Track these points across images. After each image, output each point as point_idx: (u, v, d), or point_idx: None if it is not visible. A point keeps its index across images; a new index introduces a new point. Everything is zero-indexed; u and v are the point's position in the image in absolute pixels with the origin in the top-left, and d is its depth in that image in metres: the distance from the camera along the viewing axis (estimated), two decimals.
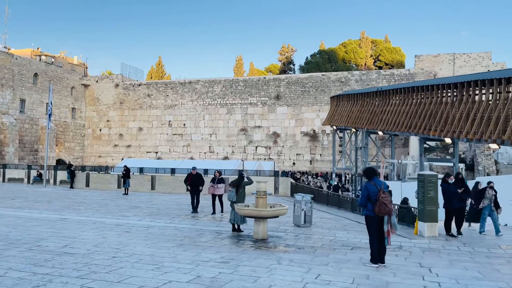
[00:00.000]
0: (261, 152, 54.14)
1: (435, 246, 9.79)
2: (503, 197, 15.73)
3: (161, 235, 10.10)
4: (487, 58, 50.62)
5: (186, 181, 15.03)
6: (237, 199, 11.13)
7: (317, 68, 62.88)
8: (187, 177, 15.13)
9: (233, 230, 10.94)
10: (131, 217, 13.23)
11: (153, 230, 10.91)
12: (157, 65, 77.48)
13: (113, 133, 60.23)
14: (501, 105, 17.59)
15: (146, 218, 13.16)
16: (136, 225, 11.62)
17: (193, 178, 14.89)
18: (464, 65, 50.49)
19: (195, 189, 14.89)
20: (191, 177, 14.95)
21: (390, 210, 7.12)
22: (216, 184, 14.45)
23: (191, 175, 15.01)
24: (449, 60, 51.82)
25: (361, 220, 14.73)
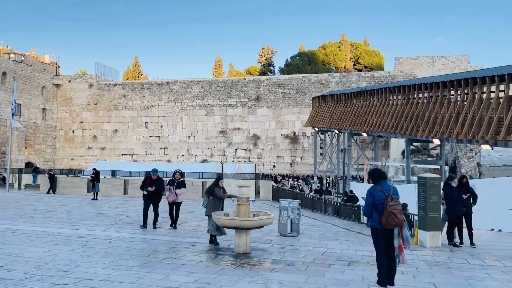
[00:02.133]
0: (241, 155, 52.74)
1: (441, 259, 8.60)
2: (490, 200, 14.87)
3: (124, 249, 8.58)
4: (465, 61, 50.70)
5: (144, 187, 11.74)
6: (208, 209, 9.52)
7: (297, 70, 62.04)
8: (145, 181, 11.83)
9: (210, 242, 9.49)
10: (94, 227, 11.63)
11: (117, 243, 9.37)
12: (134, 66, 75.25)
13: (87, 135, 57.78)
14: (494, 105, 16.75)
15: (111, 228, 11.58)
16: (97, 237, 10.04)
17: (152, 185, 11.65)
18: (443, 68, 50.39)
19: (152, 199, 11.71)
20: (150, 181, 11.68)
21: (401, 221, 5.85)
22: (175, 190, 11.59)
23: (150, 180, 11.70)
24: (428, 63, 51.72)
25: (351, 227, 13.51)
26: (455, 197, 9.92)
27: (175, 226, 11.76)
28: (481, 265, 8.22)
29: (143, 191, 11.72)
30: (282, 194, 24.87)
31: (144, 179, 12.04)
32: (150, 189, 11.52)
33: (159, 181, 11.80)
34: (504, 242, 11.69)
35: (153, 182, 11.64)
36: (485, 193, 14.00)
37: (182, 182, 11.82)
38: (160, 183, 11.75)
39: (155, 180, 11.70)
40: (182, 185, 11.75)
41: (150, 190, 11.53)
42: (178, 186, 11.64)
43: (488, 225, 15.19)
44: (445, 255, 9.08)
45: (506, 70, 16.26)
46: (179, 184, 11.70)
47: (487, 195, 14.52)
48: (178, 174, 11.87)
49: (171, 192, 11.57)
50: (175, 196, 11.53)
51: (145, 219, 11.72)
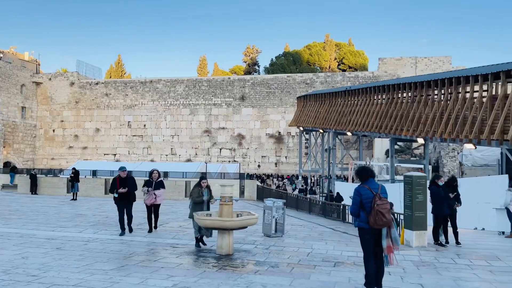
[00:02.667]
0: (226, 154, 52.37)
1: (428, 259, 8.45)
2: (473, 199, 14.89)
3: (101, 252, 8.18)
4: (447, 62, 51.38)
5: (114, 189, 10.27)
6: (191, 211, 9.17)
7: (282, 70, 61.96)
8: (114, 182, 10.36)
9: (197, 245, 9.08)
10: (70, 228, 11.16)
11: (93, 245, 8.96)
12: (117, 64, 74.02)
13: (68, 134, 56.63)
14: (478, 104, 16.80)
15: (89, 229, 11.12)
16: (73, 239, 9.60)
17: (123, 184, 10.24)
18: (425, 68, 50.96)
19: (125, 201, 10.35)
20: (119, 182, 10.27)
21: (390, 221, 5.62)
22: (153, 190, 10.52)
23: (119, 179, 10.29)
24: (411, 64, 52.25)
25: (336, 227, 13.33)
26: (441, 196, 9.81)
27: (156, 226, 11.03)
28: (468, 265, 8.09)
29: (113, 194, 10.33)
30: (267, 193, 24.64)
31: (113, 179, 10.50)
32: (122, 190, 10.13)
33: (130, 179, 10.47)
34: (488, 241, 11.66)
35: (123, 181, 10.27)
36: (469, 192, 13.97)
37: (161, 183, 10.81)
38: (131, 181, 10.41)
39: (125, 179, 10.34)
40: (161, 186, 10.74)
41: (123, 191, 10.13)
42: (156, 186, 10.62)
43: (472, 224, 15.21)
44: (432, 254, 8.94)
45: (490, 70, 16.33)
46: (157, 184, 10.68)
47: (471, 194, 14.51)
48: (156, 173, 10.81)
49: (149, 193, 10.50)
50: (154, 198, 10.52)
51: (123, 225, 10.48)
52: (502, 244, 11.27)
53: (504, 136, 14.88)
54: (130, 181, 10.39)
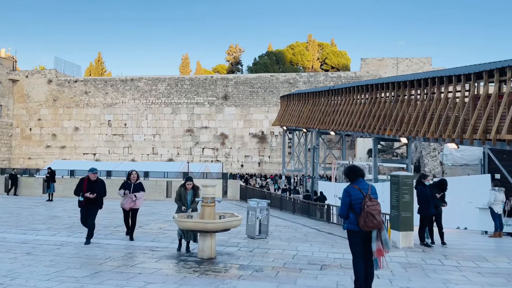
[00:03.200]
0: (208, 154, 51.86)
1: (415, 261, 8.26)
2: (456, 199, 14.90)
3: (74, 257, 7.71)
4: (427, 63, 52.03)
5: (79, 191, 9.04)
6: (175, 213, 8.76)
7: (265, 69, 61.79)
8: (80, 184, 9.14)
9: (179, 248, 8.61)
10: (43, 231, 10.60)
11: (67, 249, 8.47)
12: (96, 62, 72.60)
13: (45, 133, 55.21)
14: (460, 104, 16.82)
15: (63, 232, 10.59)
16: (46, 243, 9.09)
17: (91, 187, 9.06)
18: (406, 69, 51.49)
19: (91, 207, 9.12)
20: (87, 184, 9.08)
21: (380, 223, 5.37)
22: (133, 193, 9.58)
23: (87, 182, 9.11)
24: (393, 64, 52.73)
25: (321, 227, 13.10)
26: (428, 196, 9.66)
27: (132, 237, 9.73)
28: (456, 266, 7.93)
29: (78, 197, 9.05)
30: (250, 193, 24.32)
31: (80, 181, 9.24)
32: (89, 195, 8.91)
33: (100, 183, 9.25)
34: (473, 241, 11.60)
35: (91, 184, 9.08)
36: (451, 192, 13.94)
37: (140, 185, 9.82)
38: (100, 185, 9.21)
39: (94, 183, 9.13)
40: (141, 188, 9.77)
41: (90, 196, 8.92)
42: (135, 189, 9.65)
43: (454, 223, 15.20)
44: (418, 256, 8.77)
45: (472, 70, 16.34)
46: (136, 187, 9.70)
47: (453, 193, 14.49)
48: (134, 175, 9.82)
49: (127, 197, 9.55)
50: (133, 201, 9.56)
51: (89, 232, 9.31)
52: (487, 244, 11.23)
53: (487, 136, 14.90)
54: (99, 185, 9.20)
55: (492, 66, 15.30)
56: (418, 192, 9.71)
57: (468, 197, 15.29)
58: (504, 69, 14.60)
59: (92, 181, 9.15)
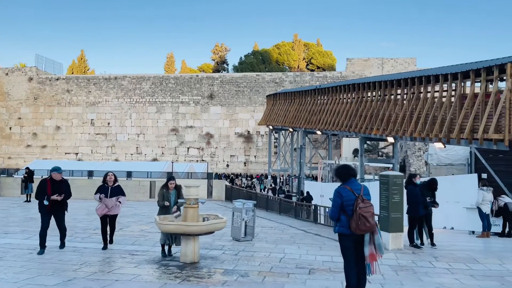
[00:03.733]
0: (193, 154, 51.28)
1: (406, 263, 8.01)
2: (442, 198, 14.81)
3: (48, 262, 7.23)
4: (412, 64, 52.42)
5: (43, 195, 8.02)
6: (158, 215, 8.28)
7: (251, 69, 61.44)
8: (43, 186, 8.13)
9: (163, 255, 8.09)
10: (17, 234, 10.06)
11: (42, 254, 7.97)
12: (79, 59, 71.19)
13: (26, 132, 53.88)
14: (447, 103, 16.74)
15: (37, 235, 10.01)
16: (18, 247, 8.58)
17: (55, 190, 8.05)
18: (391, 69, 51.78)
19: (58, 210, 8.21)
20: (51, 186, 8.08)
21: (373, 226, 5.07)
22: (110, 198, 8.54)
23: (50, 183, 8.11)
24: (378, 64, 52.98)
25: (308, 228, 12.81)
26: (418, 197, 9.44)
27: (111, 241, 8.88)
28: (448, 268, 7.70)
29: (43, 201, 8.00)
30: (236, 194, 23.96)
31: (42, 182, 8.22)
32: (56, 197, 7.94)
33: (65, 184, 8.33)
34: (462, 242, 11.44)
35: (56, 186, 8.10)
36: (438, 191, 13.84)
37: (118, 188, 8.73)
38: (66, 186, 8.30)
39: (59, 183, 8.17)
40: (119, 192, 8.70)
41: (57, 198, 7.96)
42: (113, 193, 8.58)
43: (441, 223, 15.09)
44: (409, 258, 8.53)
45: (459, 69, 16.28)
46: (114, 190, 8.62)
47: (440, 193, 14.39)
48: (111, 177, 8.72)
49: (102, 202, 8.49)
50: (110, 207, 8.51)
51: (45, 239, 8.14)
52: (476, 244, 11.09)
53: (474, 135, 14.83)
54: (65, 186, 8.28)
55: (479, 65, 15.24)
56: (408, 192, 9.49)
57: (455, 197, 15.18)
58: (491, 68, 14.55)
59: (56, 182, 8.12)
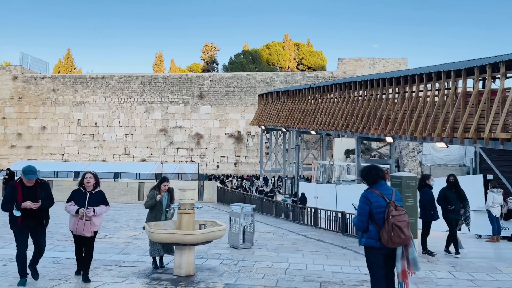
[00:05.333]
0: (183, 154, 50.26)
1: (424, 274, 7.23)
2: None
3: None
4: (403, 64, 52.22)
5: (12, 203, 5.80)
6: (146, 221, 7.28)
7: (241, 69, 60.65)
8: (12, 191, 5.90)
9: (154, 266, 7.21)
10: None
11: (13, 266, 6.98)
12: (66, 58, 69.64)
13: (10, 132, 52.35)
14: (450, 102, 16.09)
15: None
16: None
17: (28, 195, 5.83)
18: (383, 69, 51.48)
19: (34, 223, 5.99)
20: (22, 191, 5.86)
21: (408, 238, 4.29)
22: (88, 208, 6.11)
23: (21, 187, 5.89)
24: (369, 65, 52.67)
25: (309, 233, 12.01)
26: (433, 200, 8.70)
27: (87, 277, 6.22)
28: (471, 280, 6.96)
29: (14, 212, 5.76)
30: (228, 196, 23.10)
31: (10, 187, 5.99)
32: (30, 204, 5.69)
33: (43, 186, 6.01)
34: (473, 247, 10.74)
35: (29, 190, 5.85)
36: None
37: (100, 195, 6.33)
38: (45, 190, 6.01)
39: (33, 188, 5.89)
40: (102, 201, 6.30)
41: (30, 206, 5.70)
42: (93, 201, 6.18)
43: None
44: (426, 267, 7.76)
45: (463, 65, 15.65)
46: (94, 198, 6.22)
47: None
48: (90, 179, 6.27)
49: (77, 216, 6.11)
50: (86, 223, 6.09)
51: (25, 266, 6.07)
52: (488, 250, 10.45)
53: (481, 134, 14.20)
54: (44, 189, 5.97)
55: (484, 61, 14.61)
56: (423, 194, 8.74)
57: None
58: (498, 64, 13.92)
59: (27, 187, 5.87)
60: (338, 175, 32.93)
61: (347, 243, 10.32)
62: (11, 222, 6.01)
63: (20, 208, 5.78)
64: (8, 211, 5.90)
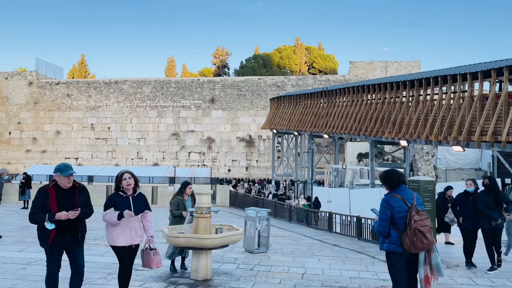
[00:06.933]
0: (195, 158, 50.43)
1: (443, 279, 7.05)
2: None
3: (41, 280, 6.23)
4: (416, 67, 51.72)
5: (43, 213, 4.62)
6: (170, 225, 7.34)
7: (252, 73, 60.77)
8: (43, 197, 4.70)
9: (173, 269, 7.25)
10: (10, 246, 9.18)
11: (33, 269, 7.10)
12: (80, 64, 70.66)
13: (26, 137, 53.11)
14: (466, 104, 15.88)
15: (32, 246, 9.17)
16: (10, 261, 7.67)
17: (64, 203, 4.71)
18: (395, 72, 51.06)
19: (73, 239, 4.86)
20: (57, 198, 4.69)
21: (431, 243, 4.22)
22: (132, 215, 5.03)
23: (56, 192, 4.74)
24: (381, 68, 52.28)
25: (324, 238, 11.93)
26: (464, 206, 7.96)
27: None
28: (491, 286, 6.83)
29: (45, 223, 4.60)
30: (241, 199, 23.10)
31: (41, 193, 4.74)
32: (68, 215, 4.60)
33: (82, 192, 4.92)
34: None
35: (65, 196, 4.74)
36: None
37: (143, 199, 5.33)
38: (84, 196, 4.91)
39: (71, 192, 4.81)
40: (144, 205, 5.28)
41: (68, 216, 4.61)
42: (137, 207, 5.12)
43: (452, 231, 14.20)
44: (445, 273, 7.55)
45: (479, 68, 15.45)
46: (137, 202, 5.18)
47: None
48: (130, 179, 5.20)
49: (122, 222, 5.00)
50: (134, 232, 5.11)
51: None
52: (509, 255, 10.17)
53: (498, 138, 13.98)
54: (82, 195, 4.89)
55: (501, 64, 14.41)
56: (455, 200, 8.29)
57: None
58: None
59: (65, 191, 4.74)
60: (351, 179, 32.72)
61: (363, 248, 10.21)
62: (41, 237, 4.77)
63: (53, 220, 4.56)
64: (37, 223, 4.66)
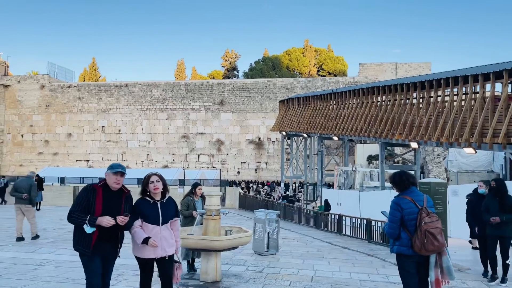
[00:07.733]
0: (204, 161, 50.58)
1: (454, 283, 7.00)
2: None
3: (53, 280, 6.39)
4: (427, 69, 51.23)
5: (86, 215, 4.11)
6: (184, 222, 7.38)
7: (261, 75, 60.82)
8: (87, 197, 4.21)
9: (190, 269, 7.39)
10: (22, 247, 9.28)
11: (45, 270, 7.17)
12: (91, 67, 71.37)
13: (38, 140, 53.77)
14: (478, 106, 15.71)
15: (44, 247, 9.28)
16: (23, 261, 7.78)
17: (110, 208, 4.21)
18: (405, 74, 50.64)
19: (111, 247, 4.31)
20: (104, 200, 4.22)
21: (442, 245, 4.17)
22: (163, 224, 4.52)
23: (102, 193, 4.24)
24: (391, 69, 51.92)
25: (334, 240, 11.87)
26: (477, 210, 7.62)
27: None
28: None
29: (85, 227, 4.09)
30: (250, 202, 23.10)
31: (85, 192, 4.24)
32: (120, 220, 4.16)
33: (129, 199, 4.47)
34: None
35: (111, 200, 4.27)
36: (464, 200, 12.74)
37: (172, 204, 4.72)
38: (130, 202, 4.46)
39: (117, 195, 4.34)
40: (175, 212, 4.72)
41: (120, 222, 4.16)
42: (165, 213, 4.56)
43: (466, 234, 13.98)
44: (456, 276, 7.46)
45: (491, 69, 15.29)
46: (166, 209, 4.59)
47: None
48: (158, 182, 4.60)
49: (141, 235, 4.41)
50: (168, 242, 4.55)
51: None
52: None
53: (511, 140, 13.80)
54: (128, 202, 4.42)
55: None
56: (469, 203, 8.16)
57: None
58: None
59: (112, 193, 4.28)
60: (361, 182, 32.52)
61: (373, 250, 10.14)
62: (79, 241, 4.16)
63: (94, 224, 4.05)
64: (77, 223, 4.12)
